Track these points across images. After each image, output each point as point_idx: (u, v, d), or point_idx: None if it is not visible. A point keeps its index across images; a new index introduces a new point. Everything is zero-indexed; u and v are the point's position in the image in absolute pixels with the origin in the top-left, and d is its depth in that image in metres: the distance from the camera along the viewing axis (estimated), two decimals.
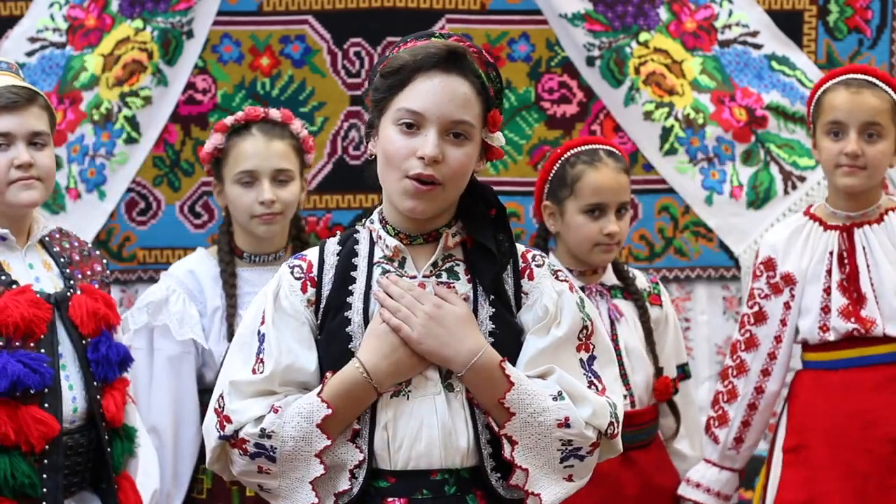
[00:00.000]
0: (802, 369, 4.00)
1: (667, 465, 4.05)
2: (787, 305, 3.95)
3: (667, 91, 4.80)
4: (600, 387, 2.68)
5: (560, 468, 2.64)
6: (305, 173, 4.04)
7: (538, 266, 2.71)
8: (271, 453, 2.63)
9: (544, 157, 4.84)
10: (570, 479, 2.66)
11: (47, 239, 3.56)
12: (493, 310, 2.66)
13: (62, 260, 3.53)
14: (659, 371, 3.99)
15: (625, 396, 3.87)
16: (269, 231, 3.94)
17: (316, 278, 2.70)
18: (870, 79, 3.89)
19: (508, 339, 2.66)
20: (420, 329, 2.62)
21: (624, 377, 3.91)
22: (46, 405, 3.37)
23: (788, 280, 3.94)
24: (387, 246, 2.69)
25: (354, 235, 2.74)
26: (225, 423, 2.66)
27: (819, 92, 3.93)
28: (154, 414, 3.90)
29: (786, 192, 4.82)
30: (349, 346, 2.64)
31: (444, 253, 2.70)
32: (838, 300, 3.88)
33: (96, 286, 3.52)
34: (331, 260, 2.72)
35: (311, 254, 2.74)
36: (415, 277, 2.68)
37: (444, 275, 2.69)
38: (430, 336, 2.62)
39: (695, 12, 4.82)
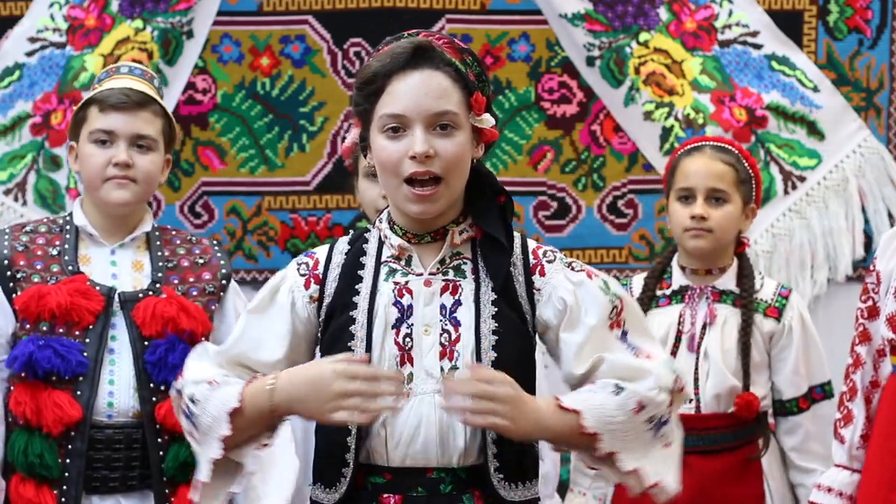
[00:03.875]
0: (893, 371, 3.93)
1: (741, 477, 3.96)
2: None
3: (667, 91, 4.80)
4: (645, 354, 2.68)
5: (656, 443, 2.64)
6: None
7: (549, 262, 2.71)
8: (194, 419, 2.68)
9: (544, 157, 4.85)
10: (668, 446, 2.66)
11: (159, 242, 3.63)
12: (497, 309, 2.66)
13: (161, 263, 3.59)
14: (746, 386, 3.94)
15: (690, 401, 3.84)
16: None
17: (320, 275, 2.71)
18: None
19: (511, 336, 2.66)
20: (510, 415, 2.55)
21: (695, 380, 3.92)
22: (79, 393, 3.44)
23: (878, 279, 3.88)
24: (392, 245, 2.70)
25: (365, 235, 2.75)
26: (180, 377, 2.73)
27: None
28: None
29: (786, 192, 4.82)
30: (349, 345, 2.65)
31: (452, 250, 2.70)
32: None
33: (194, 293, 3.57)
34: (338, 258, 2.73)
35: (321, 251, 2.76)
36: (421, 275, 2.68)
37: (451, 272, 2.69)
38: (521, 418, 2.57)
39: (695, 12, 4.82)
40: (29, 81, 4.76)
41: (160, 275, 3.58)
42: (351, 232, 2.81)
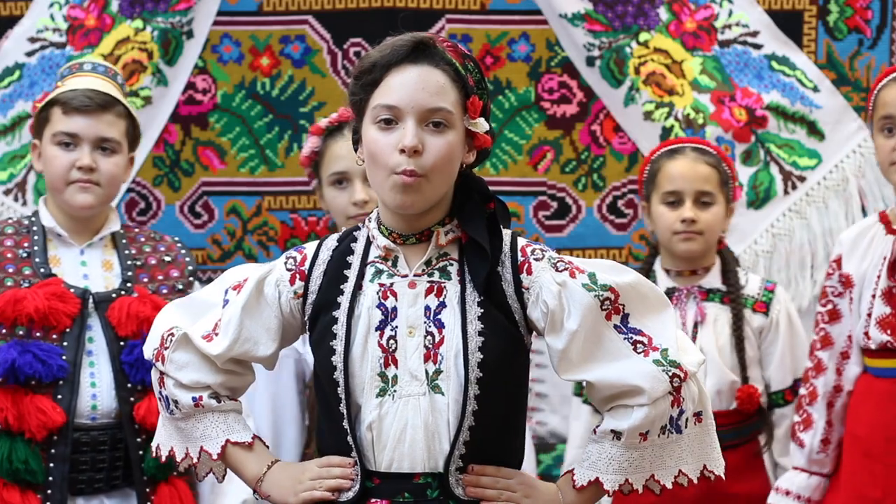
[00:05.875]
0: (863, 371, 3.91)
1: (746, 473, 3.97)
2: (849, 308, 3.89)
3: (667, 91, 4.80)
4: (645, 340, 2.66)
5: (684, 436, 2.70)
6: None
7: (537, 260, 2.69)
8: (172, 412, 2.77)
9: (544, 157, 4.85)
10: (699, 421, 2.72)
11: (124, 240, 3.61)
12: (482, 310, 2.65)
13: (129, 262, 3.58)
14: (745, 380, 3.94)
15: None
16: None
17: (306, 272, 2.72)
18: None
19: (497, 337, 2.65)
20: (528, 501, 2.68)
21: None
22: (59, 397, 3.44)
23: (848, 282, 3.89)
24: (378, 246, 2.70)
25: (353, 234, 2.75)
26: (160, 360, 2.78)
27: (876, 88, 3.88)
28: (255, 420, 3.87)
29: (786, 192, 4.82)
30: (331, 344, 2.65)
31: (438, 252, 2.69)
32: (880, 309, 3.81)
33: (164, 291, 3.55)
34: (324, 255, 2.73)
35: (309, 247, 2.76)
36: (406, 276, 2.67)
37: (436, 273, 2.68)
38: (538, 500, 2.69)
39: (695, 12, 4.81)
40: (29, 81, 4.77)
41: (130, 273, 3.57)
42: (343, 229, 2.81)
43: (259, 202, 4.86)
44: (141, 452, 3.51)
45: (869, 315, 3.82)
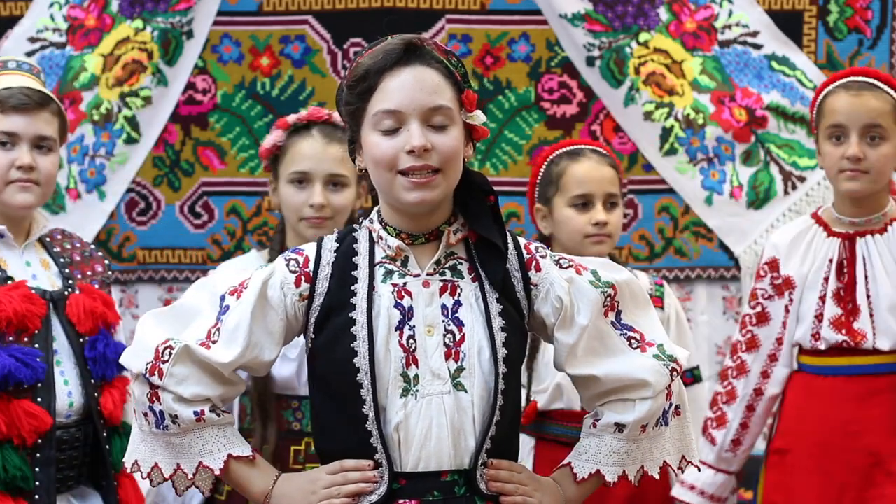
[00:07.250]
0: (797, 371, 3.97)
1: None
2: (787, 309, 3.92)
3: (667, 91, 4.80)
4: (637, 336, 2.71)
5: (668, 427, 2.73)
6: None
7: (542, 257, 2.72)
8: (164, 428, 2.68)
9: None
10: (678, 414, 2.75)
11: (48, 239, 3.58)
12: (501, 307, 2.67)
13: (62, 260, 3.54)
14: None
15: None
16: (317, 235, 3.78)
17: (311, 273, 2.70)
18: (871, 80, 3.86)
19: (514, 333, 2.67)
20: (538, 496, 2.69)
21: None
22: (39, 399, 3.38)
23: (788, 284, 3.91)
24: (388, 246, 2.69)
25: (353, 234, 2.74)
26: (157, 375, 2.66)
27: (821, 96, 3.90)
28: None
29: (786, 193, 4.82)
30: (352, 346, 2.64)
31: (447, 251, 2.70)
32: (832, 310, 3.84)
33: (96, 286, 3.54)
34: (327, 256, 2.72)
35: (309, 249, 2.74)
36: (418, 276, 2.68)
37: (448, 273, 2.69)
38: (545, 495, 2.70)
39: (695, 12, 4.82)
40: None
41: (67, 271, 3.54)
42: (335, 231, 2.80)
43: (259, 202, 4.86)
44: (108, 446, 3.49)
45: (818, 317, 3.85)
